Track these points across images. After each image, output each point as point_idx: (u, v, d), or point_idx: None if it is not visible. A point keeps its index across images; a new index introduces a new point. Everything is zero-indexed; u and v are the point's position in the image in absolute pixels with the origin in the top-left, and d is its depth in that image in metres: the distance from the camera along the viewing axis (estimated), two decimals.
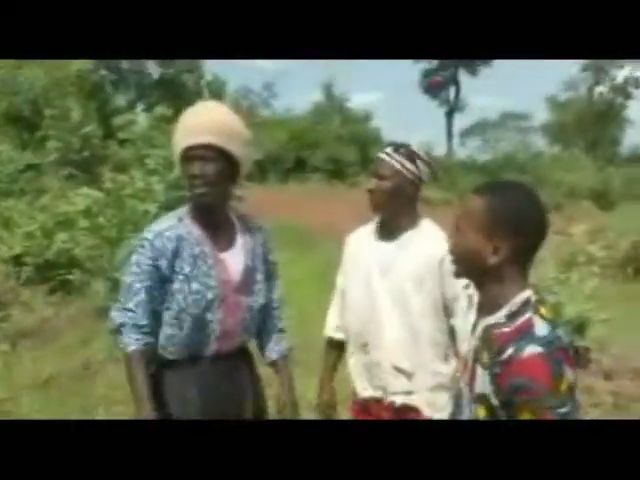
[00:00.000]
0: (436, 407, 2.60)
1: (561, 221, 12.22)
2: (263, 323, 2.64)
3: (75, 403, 5.02)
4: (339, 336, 2.88)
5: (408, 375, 2.62)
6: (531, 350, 1.65)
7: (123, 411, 4.62)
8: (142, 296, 2.35)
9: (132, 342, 2.34)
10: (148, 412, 2.28)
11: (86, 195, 8.63)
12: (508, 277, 1.78)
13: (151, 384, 2.34)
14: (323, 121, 31.86)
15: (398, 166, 2.61)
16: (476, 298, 1.95)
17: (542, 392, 1.62)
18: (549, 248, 9.05)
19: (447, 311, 2.61)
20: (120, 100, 24.63)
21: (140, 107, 23.77)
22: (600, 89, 48.17)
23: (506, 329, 1.74)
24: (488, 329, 1.80)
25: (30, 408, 4.89)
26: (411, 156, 2.63)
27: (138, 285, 2.35)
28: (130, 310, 2.35)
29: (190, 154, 2.31)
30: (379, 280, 2.66)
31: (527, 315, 1.73)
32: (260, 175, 24.45)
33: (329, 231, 14.31)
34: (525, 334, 1.69)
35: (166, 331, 2.40)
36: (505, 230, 1.74)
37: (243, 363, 2.58)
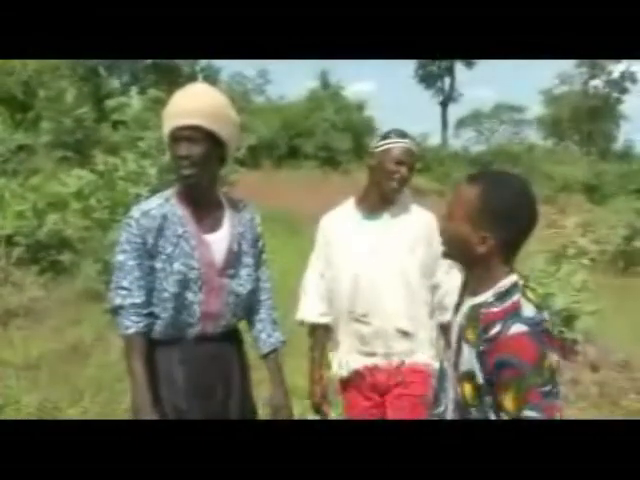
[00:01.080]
0: (437, 357, 2.77)
1: (553, 214, 12.25)
2: (256, 312, 2.64)
3: (64, 384, 5.02)
4: (325, 320, 2.96)
5: (411, 336, 2.80)
6: (517, 328, 1.69)
7: (110, 395, 4.64)
8: (136, 273, 2.35)
9: (131, 325, 2.34)
10: (145, 398, 2.29)
11: (78, 177, 8.60)
12: (494, 264, 1.82)
13: (148, 368, 2.34)
14: (317, 109, 31.75)
15: (390, 144, 2.81)
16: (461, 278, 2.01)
17: (527, 369, 1.66)
18: (540, 240, 9.09)
19: (432, 270, 2.83)
20: (114, 83, 24.48)
21: (134, 91, 23.63)
22: (595, 83, 48.21)
23: (494, 309, 1.77)
24: (475, 308, 1.83)
25: (19, 388, 4.90)
26: (400, 132, 2.86)
27: (130, 263, 2.35)
28: (125, 289, 2.35)
29: (178, 135, 2.32)
30: (371, 255, 2.80)
31: (515, 297, 1.77)
32: (253, 161, 24.41)
33: (321, 218, 14.33)
34: (512, 314, 1.73)
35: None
36: (494, 222, 1.77)
37: (230, 346, 2.57)
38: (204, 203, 2.47)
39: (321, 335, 2.99)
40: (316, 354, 3.00)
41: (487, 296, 1.81)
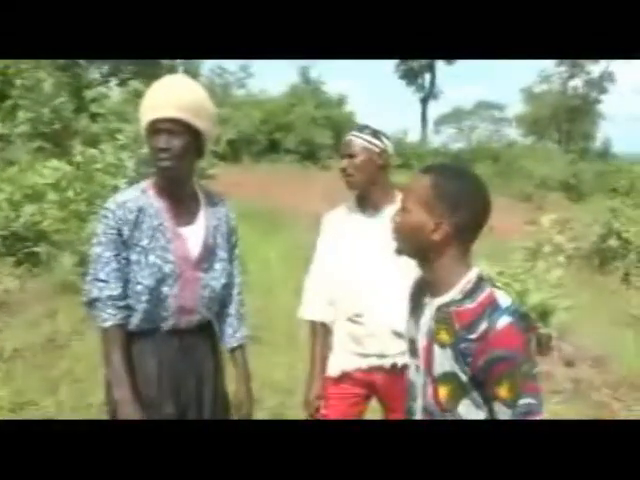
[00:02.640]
0: None
1: (530, 211, 12.34)
2: (224, 306, 2.63)
3: (39, 376, 4.99)
4: (326, 318, 2.96)
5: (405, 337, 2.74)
6: (504, 321, 1.73)
7: (86, 388, 4.62)
8: (113, 265, 2.34)
9: (109, 317, 2.33)
10: (125, 391, 2.29)
11: (55, 168, 8.53)
12: (452, 256, 1.84)
13: (127, 361, 2.34)
14: (298, 103, 31.75)
15: (365, 143, 2.83)
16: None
17: (519, 359, 1.71)
18: (517, 236, 9.15)
19: None
20: (93, 74, 24.28)
21: (114, 82, 23.44)
22: (574, 83, 48.53)
23: (469, 305, 1.79)
24: (443, 308, 1.84)
25: None
26: (375, 134, 2.86)
27: (107, 254, 2.33)
28: (102, 281, 2.33)
29: (156, 127, 2.32)
30: (367, 254, 2.81)
31: (487, 289, 1.81)
32: (233, 155, 24.34)
33: (299, 213, 14.34)
34: (493, 307, 1.76)
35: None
36: (445, 205, 1.81)
37: (204, 341, 2.56)
38: (180, 196, 2.46)
39: (322, 333, 2.97)
40: (317, 351, 2.97)
41: (453, 294, 1.83)
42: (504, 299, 1.79)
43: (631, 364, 6.38)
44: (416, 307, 1.99)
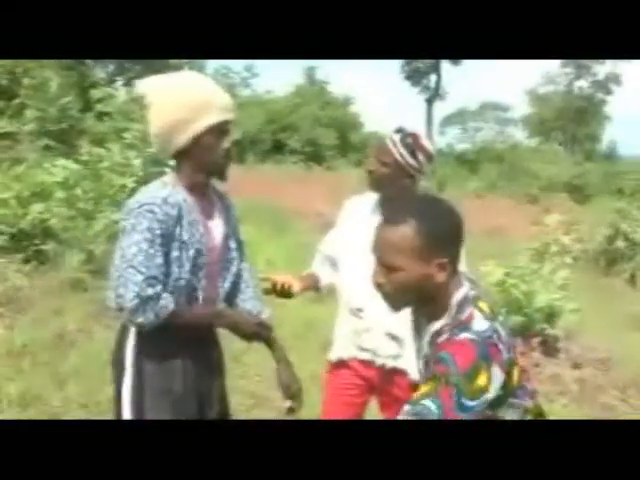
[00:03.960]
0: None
1: (537, 213, 12.34)
2: (241, 293, 2.67)
3: (47, 373, 5.01)
4: (325, 279, 3.02)
5: (399, 341, 2.77)
6: (464, 335, 1.69)
7: (94, 385, 4.63)
8: (159, 260, 2.30)
9: (167, 303, 2.31)
10: (239, 316, 2.51)
11: (63, 166, 8.55)
12: (448, 284, 1.80)
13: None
14: (303, 104, 31.76)
15: (399, 157, 2.71)
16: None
17: (454, 371, 1.63)
18: (523, 238, 9.15)
19: None
20: (100, 74, 24.35)
21: (120, 82, 23.49)
22: (580, 84, 48.45)
23: (449, 336, 1.76)
24: (434, 337, 1.82)
25: (2, 377, 4.87)
26: (414, 149, 2.70)
27: (153, 251, 2.29)
28: (154, 278, 2.28)
29: (224, 128, 2.42)
30: None
31: (467, 311, 1.76)
32: (238, 155, 24.35)
33: (304, 213, 14.34)
34: (463, 326, 1.73)
35: None
36: (442, 245, 1.75)
37: (213, 336, 2.61)
38: (206, 191, 2.52)
39: (312, 276, 3.03)
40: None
41: (444, 321, 1.79)
42: (480, 323, 1.73)
43: (638, 366, 6.37)
44: (417, 325, 1.99)
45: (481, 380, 1.64)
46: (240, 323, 2.47)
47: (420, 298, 1.82)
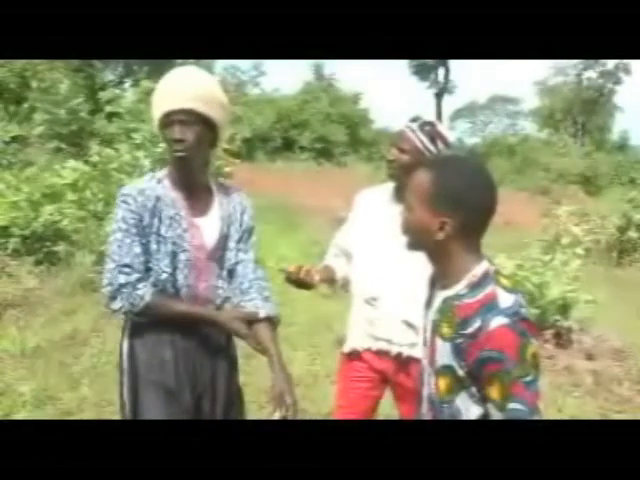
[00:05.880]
0: None
1: (548, 204, 12.28)
2: (244, 293, 2.52)
3: (60, 373, 5.04)
4: (340, 272, 3.00)
5: (415, 329, 2.72)
6: (498, 322, 1.67)
7: (107, 384, 4.64)
8: (136, 250, 2.33)
9: (144, 293, 2.31)
10: (214, 312, 2.43)
11: (73, 168, 8.60)
12: (459, 251, 1.79)
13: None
14: (312, 101, 31.75)
15: (419, 144, 2.71)
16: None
17: (511, 363, 1.65)
18: (535, 230, 9.12)
19: None
20: (108, 75, 24.43)
21: (128, 82, 23.57)
22: (589, 74, 48.20)
23: (468, 300, 1.75)
24: (447, 301, 1.81)
25: (15, 378, 4.91)
26: (433, 136, 2.72)
27: (128, 240, 2.32)
28: (127, 266, 2.31)
29: (170, 119, 2.32)
30: (392, 240, 2.68)
31: (489, 287, 1.75)
32: (248, 153, 24.38)
33: (315, 210, 14.35)
34: (490, 306, 1.71)
35: None
36: (447, 205, 1.75)
37: (220, 332, 2.52)
38: (195, 187, 2.47)
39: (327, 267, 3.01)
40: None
41: (459, 288, 1.79)
42: (505, 299, 1.72)
43: None
44: (429, 298, 1.97)
45: (528, 355, 1.67)
46: (219, 322, 2.41)
47: (423, 248, 1.85)
